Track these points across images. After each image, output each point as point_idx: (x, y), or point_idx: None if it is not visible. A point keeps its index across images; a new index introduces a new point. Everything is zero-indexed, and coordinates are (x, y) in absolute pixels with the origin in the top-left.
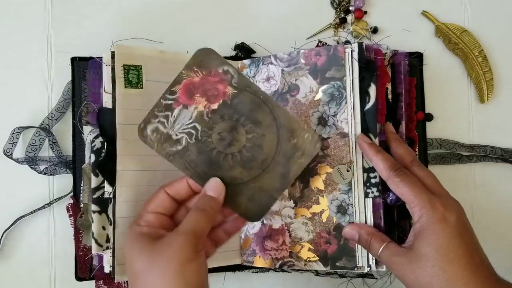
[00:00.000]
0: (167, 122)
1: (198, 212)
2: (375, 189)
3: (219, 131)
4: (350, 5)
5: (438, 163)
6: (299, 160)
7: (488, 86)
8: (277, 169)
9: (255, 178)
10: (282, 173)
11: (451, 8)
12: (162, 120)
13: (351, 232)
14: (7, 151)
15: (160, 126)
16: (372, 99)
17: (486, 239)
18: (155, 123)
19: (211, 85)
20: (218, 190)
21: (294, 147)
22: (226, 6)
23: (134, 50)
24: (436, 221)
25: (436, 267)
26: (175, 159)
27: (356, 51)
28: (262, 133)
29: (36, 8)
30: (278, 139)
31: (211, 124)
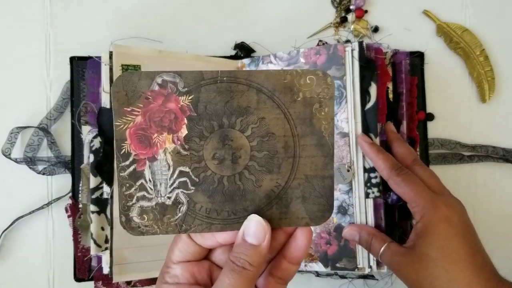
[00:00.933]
0: (148, 192)
1: (233, 273)
2: (376, 189)
3: (211, 155)
4: (350, 4)
5: (440, 163)
6: (323, 111)
7: (490, 86)
8: (307, 142)
9: (292, 173)
10: (317, 140)
11: (452, 7)
12: (139, 194)
13: (352, 232)
14: (6, 151)
15: (143, 202)
16: (372, 98)
17: (488, 239)
18: (136, 204)
19: (159, 111)
20: (259, 232)
21: (305, 102)
22: (226, 5)
23: (132, 50)
24: (438, 221)
25: (438, 267)
26: (190, 226)
27: (357, 50)
28: (260, 117)
29: (35, 8)
30: (281, 108)
31: (196, 154)
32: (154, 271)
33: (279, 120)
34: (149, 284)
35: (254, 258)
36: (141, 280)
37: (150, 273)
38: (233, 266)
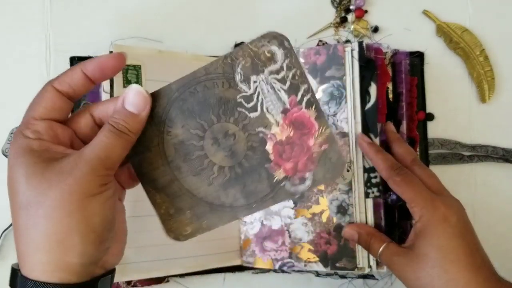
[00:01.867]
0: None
1: (112, 134)
2: (375, 189)
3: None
4: (350, 4)
5: (439, 163)
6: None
7: (490, 86)
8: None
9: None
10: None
11: (452, 7)
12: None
13: (351, 232)
14: (6, 151)
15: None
16: (372, 98)
17: (488, 239)
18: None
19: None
20: (139, 102)
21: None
22: (226, 5)
23: (133, 50)
24: (437, 221)
25: (437, 267)
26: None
27: (356, 50)
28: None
29: (35, 8)
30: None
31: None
32: (154, 271)
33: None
34: (149, 284)
35: (133, 125)
36: (141, 280)
37: (150, 273)
38: (112, 128)
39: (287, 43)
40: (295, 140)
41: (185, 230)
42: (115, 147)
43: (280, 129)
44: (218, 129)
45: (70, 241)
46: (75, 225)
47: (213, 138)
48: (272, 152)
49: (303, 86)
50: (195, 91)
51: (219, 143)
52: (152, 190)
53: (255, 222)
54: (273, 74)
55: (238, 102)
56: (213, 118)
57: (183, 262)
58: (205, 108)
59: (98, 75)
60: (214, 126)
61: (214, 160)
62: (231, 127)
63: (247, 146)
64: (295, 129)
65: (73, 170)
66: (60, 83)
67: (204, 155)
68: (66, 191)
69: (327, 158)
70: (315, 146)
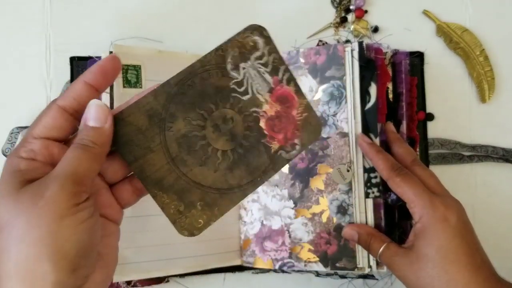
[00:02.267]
0: None
1: (76, 149)
2: (375, 189)
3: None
4: (350, 4)
5: (439, 163)
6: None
7: (490, 86)
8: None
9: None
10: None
11: (452, 7)
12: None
13: (351, 232)
14: (6, 151)
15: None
16: (372, 98)
17: (488, 239)
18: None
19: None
20: (100, 115)
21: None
22: (226, 5)
23: (132, 50)
24: (437, 221)
25: (437, 267)
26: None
27: (357, 50)
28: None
29: (35, 8)
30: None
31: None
32: (154, 271)
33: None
34: (149, 284)
35: (97, 137)
36: (141, 280)
37: (150, 273)
38: (76, 144)
39: (266, 33)
40: (282, 114)
41: (198, 222)
42: (82, 161)
43: (269, 106)
44: (217, 116)
45: (41, 268)
46: (45, 251)
47: (213, 125)
48: (265, 127)
49: (282, 67)
50: (193, 83)
51: (219, 129)
52: (159, 192)
53: (255, 222)
54: (258, 60)
55: (232, 88)
56: (212, 106)
57: (183, 262)
58: (204, 98)
59: (101, 80)
60: (213, 113)
61: (217, 146)
62: (229, 112)
63: (244, 126)
64: (281, 104)
65: (44, 191)
66: (64, 99)
67: (207, 143)
68: (36, 214)
69: (308, 123)
70: (297, 116)
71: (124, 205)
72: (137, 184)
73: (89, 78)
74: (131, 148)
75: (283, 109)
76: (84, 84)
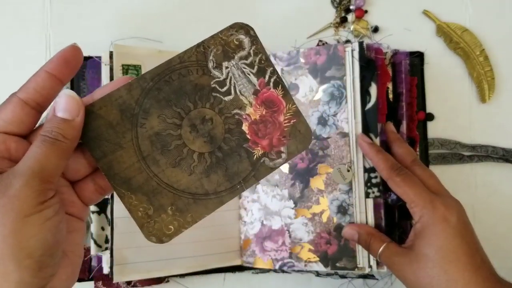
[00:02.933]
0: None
1: (45, 143)
2: (376, 189)
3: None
4: (350, 4)
5: (439, 163)
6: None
7: (490, 86)
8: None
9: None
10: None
11: (452, 7)
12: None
13: (351, 232)
14: None
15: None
16: (373, 98)
17: (488, 239)
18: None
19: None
20: (71, 107)
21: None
22: (226, 5)
23: (132, 50)
24: (437, 221)
25: (436, 267)
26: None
27: (357, 50)
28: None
29: (35, 8)
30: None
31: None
32: (154, 271)
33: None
34: (149, 284)
35: (67, 131)
36: (141, 280)
37: (150, 273)
38: (45, 138)
39: (253, 32)
40: (267, 118)
41: (168, 229)
42: (50, 156)
43: (254, 109)
44: (195, 115)
45: (4, 268)
46: (9, 250)
47: (190, 125)
48: (248, 132)
49: (269, 68)
50: (170, 80)
51: (197, 129)
52: (127, 193)
53: (255, 222)
54: (243, 60)
55: (213, 88)
56: (190, 104)
57: (183, 262)
58: (181, 95)
59: (64, 69)
60: (191, 112)
61: (193, 148)
62: (208, 112)
63: (224, 129)
64: (266, 108)
65: (8, 188)
66: (25, 91)
67: (182, 144)
68: (1, 210)
69: (297, 130)
70: (285, 122)
71: (87, 203)
72: (101, 182)
73: (51, 68)
74: (100, 143)
75: (268, 113)
76: (46, 74)
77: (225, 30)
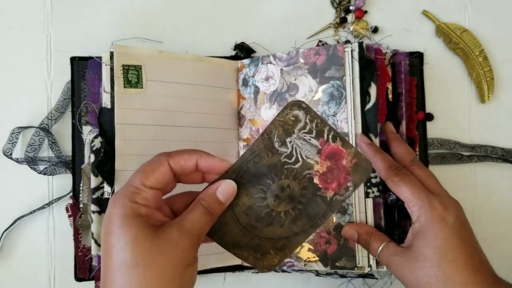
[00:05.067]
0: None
1: (206, 215)
2: (375, 189)
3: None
4: (350, 5)
5: (439, 163)
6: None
7: (489, 86)
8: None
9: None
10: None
11: (451, 7)
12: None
13: (350, 231)
14: (7, 151)
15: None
16: (372, 99)
17: (487, 239)
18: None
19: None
20: (228, 195)
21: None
22: (225, 5)
23: (133, 50)
24: (435, 221)
25: (434, 267)
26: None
27: (357, 50)
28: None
29: (36, 8)
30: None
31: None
32: None
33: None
34: None
35: (219, 211)
36: None
37: None
38: (206, 210)
39: (304, 104)
40: (333, 167)
41: (273, 261)
42: (207, 225)
43: (320, 165)
44: (275, 188)
45: None
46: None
47: (273, 195)
48: (319, 182)
49: (325, 128)
50: (248, 169)
51: (279, 197)
52: (239, 251)
53: None
54: (302, 130)
55: (283, 162)
56: (269, 181)
57: None
58: (260, 177)
59: (206, 172)
60: (271, 186)
61: (279, 210)
62: (285, 181)
63: (300, 188)
64: (330, 160)
65: (179, 242)
66: (175, 163)
67: (270, 210)
68: (173, 260)
69: (359, 166)
70: (348, 163)
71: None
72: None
73: (201, 164)
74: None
75: (333, 162)
76: (195, 164)
77: (281, 112)
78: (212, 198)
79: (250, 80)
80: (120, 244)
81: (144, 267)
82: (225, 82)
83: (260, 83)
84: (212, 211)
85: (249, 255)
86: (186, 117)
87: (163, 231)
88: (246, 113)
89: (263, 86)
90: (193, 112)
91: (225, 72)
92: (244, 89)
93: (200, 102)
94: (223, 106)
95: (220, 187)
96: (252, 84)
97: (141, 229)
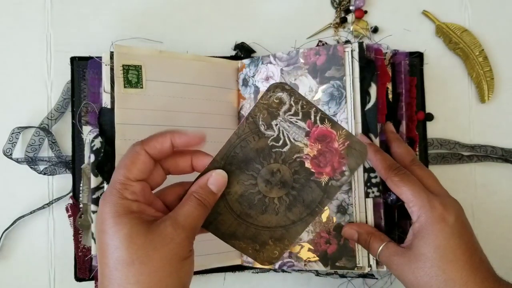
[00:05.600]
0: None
1: (200, 207)
2: (375, 189)
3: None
4: (350, 5)
5: (439, 163)
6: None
7: (489, 86)
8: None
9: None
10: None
11: (451, 7)
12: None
13: (350, 231)
14: (7, 151)
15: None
16: (372, 99)
17: (487, 239)
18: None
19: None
20: (220, 185)
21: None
22: (226, 6)
23: (133, 50)
24: (435, 221)
25: (434, 267)
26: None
27: (357, 50)
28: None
29: (36, 8)
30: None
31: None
32: None
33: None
34: None
35: (212, 201)
36: None
37: None
38: (199, 202)
39: (287, 86)
40: (324, 150)
41: (274, 254)
42: (200, 218)
43: (310, 148)
44: (265, 172)
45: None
46: (173, 284)
47: (264, 181)
48: (311, 166)
49: (312, 110)
50: (236, 154)
51: (270, 182)
52: (236, 241)
53: None
54: (287, 113)
55: (271, 146)
56: (258, 166)
57: None
58: (249, 162)
59: (183, 148)
60: (261, 171)
61: (272, 196)
62: (274, 166)
63: (291, 172)
64: (320, 142)
65: (174, 236)
66: (151, 148)
67: (262, 196)
68: (169, 254)
69: (352, 149)
70: (340, 146)
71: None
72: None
73: (176, 141)
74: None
75: (324, 145)
76: (170, 143)
77: (264, 95)
78: (204, 190)
79: (250, 80)
80: (115, 242)
81: (140, 264)
82: (225, 82)
83: (260, 83)
84: (205, 202)
85: (247, 246)
86: (186, 117)
87: (157, 226)
88: (246, 113)
89: (263, 86)
90: (193, 112)
91: (225, 72)
92: (244, 89)
93: (200, 102)
94: (223, 106)
95: (211, 178)
96: (252, 84)
97: (134, 226)
